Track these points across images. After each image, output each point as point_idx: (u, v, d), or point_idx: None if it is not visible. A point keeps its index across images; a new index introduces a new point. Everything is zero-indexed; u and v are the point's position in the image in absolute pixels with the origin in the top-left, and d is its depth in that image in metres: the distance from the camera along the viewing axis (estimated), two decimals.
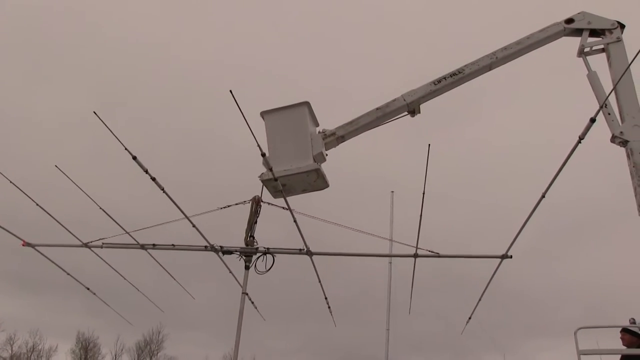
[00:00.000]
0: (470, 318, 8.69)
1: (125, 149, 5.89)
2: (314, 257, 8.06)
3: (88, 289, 8.32)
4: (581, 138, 5.75)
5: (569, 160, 5.95)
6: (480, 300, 8.15)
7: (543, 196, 6.33)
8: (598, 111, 6.84)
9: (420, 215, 7.03)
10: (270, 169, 6.74)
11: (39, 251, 7.91)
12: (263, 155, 6.48)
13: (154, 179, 6.27)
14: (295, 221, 7.19)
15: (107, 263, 8.29)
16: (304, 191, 7.63)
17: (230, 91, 5.44)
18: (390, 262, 31.31)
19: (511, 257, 7.47)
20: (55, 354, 59.52)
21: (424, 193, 6.75)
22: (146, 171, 6.15)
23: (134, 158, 5.96)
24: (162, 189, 6.45)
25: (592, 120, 5.93)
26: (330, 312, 9.23)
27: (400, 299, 31.08)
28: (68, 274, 8.10)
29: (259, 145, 6.37)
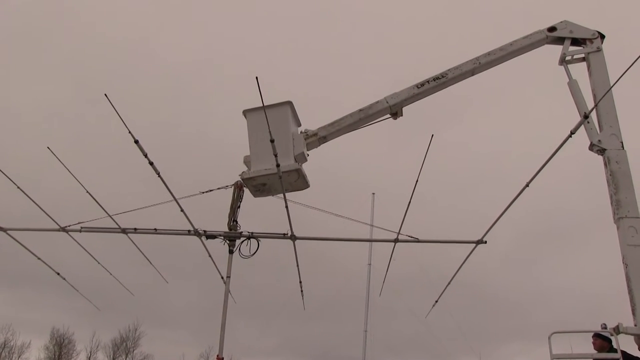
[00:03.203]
0: (436, 301, 8.78)
1: (129, 132, 5.94)
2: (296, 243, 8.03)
3: (58, 274, 8.04)
4: (572, 132, 5.85)
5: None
6: (449, 284, 8.24)
7: (527, 185, 6.40)
8: (592, 109, 6.97)
9: (409, 201, 7.06)
10: (276, 155, 6.54)
11: (10, 235, 7.52)
12: (272, 141, 6.37)
13: (151, 163, 6.31)
14: (286, 207, 7.15)
15: (83, 248, 8.05)
16: (285, 192, 7.59)
17: (256, 78, 5.47)
18: (370, 264, 31.51)
19: (485, 242, 7.57)
20: (28, 350, 58.12)
21: (417, 180, 6.79)
22: (145, 155, 6.20)
23: (136, 142, 6.02)
24: (158, 174, 6.47)
25: (586, 116, 6.04)
26: (302, 296, 9.30)
27: (379, 301, 31.23)
28: (39, 258, 7.76)
29: (270, 132, 6.33)
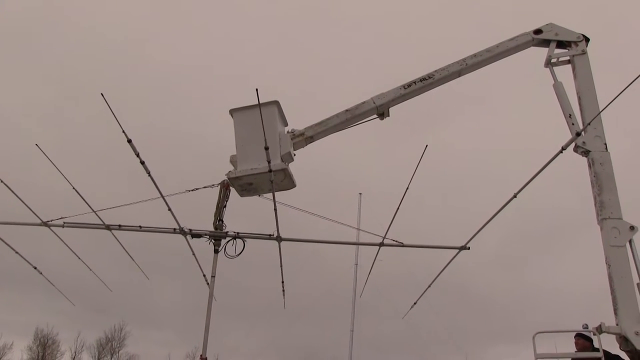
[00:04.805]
0: (415, 303, 8.89)
1: (123, 131, 6.02)
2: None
3: (35, 267, 7.90)
4: (564, 148, 5.96)
5: (538, 168, 6.11)
6: (429, 287, 8.31)
7: (514, 196, 6.48)
8: (584, 128, 7.08)
9: (397, 209, 7.15)
10: (269, 162, 6.69)
11: None
12: (266, 148, 6.49)
13: (143, 163, 6.36)
14: (275, 209, 7.17)
15: (64, 243, 7.93)
16: (271, 191, 7.57)
17: (256, 90, 5.70)
18: (357, 264, 31.56)
19: (469, 248, 7.69)
20: (10, 351, 57.32)
21: (407, 188, 6.92)
22: (137, 155, 6.27)
23: (129, 141, 6.09)
24: (149, 173, 6.50)
25: (578, 134, 6.20)
26: (283, 295, 9.34)
27: (366, 301, 31.30)
28: (16, 252, 7.58)
29: (265, 139, 6.37)
